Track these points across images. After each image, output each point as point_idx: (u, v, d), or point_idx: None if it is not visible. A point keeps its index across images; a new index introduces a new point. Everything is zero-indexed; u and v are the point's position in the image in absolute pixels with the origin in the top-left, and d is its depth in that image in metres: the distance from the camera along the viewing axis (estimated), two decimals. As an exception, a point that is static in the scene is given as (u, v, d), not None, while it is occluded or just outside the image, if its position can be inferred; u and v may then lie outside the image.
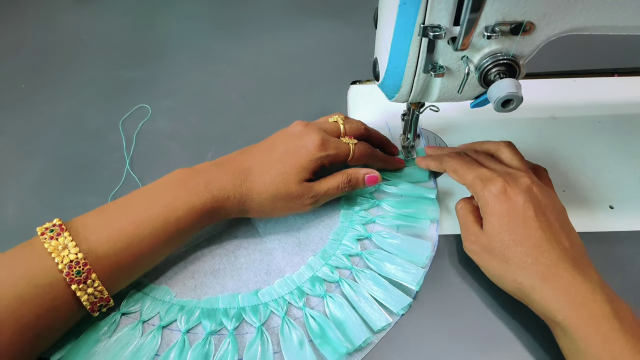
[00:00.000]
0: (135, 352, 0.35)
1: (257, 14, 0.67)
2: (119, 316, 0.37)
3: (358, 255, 0.41)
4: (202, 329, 0.37)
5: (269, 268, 0.41)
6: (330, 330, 0.36)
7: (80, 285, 0.32)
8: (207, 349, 0.35)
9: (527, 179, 0.36)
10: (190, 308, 0.38)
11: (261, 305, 0.38)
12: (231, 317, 0.37)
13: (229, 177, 0.38)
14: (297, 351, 0.35)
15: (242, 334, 0.37)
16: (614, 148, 0.49)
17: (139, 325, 0.37)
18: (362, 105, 0.55)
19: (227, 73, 0.59)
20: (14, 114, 0.55)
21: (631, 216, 0.43)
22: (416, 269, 0.39)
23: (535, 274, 0.33)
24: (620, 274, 0.39)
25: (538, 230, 0.34)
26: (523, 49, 0.33)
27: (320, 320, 0.37)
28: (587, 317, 0.31)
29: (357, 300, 0.38)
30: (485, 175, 0.36)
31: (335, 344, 0.35)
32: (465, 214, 0.38)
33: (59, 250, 0.32)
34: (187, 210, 0.36)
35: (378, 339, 0.36)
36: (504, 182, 0.35)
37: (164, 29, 0.66)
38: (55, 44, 0.64)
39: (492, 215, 0.35)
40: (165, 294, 0.39)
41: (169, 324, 0.37)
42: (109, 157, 0.50)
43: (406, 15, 0.31)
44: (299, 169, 0.39)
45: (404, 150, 0.48)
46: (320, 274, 0.40)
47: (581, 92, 0.54)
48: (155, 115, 0.54)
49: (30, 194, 0.47)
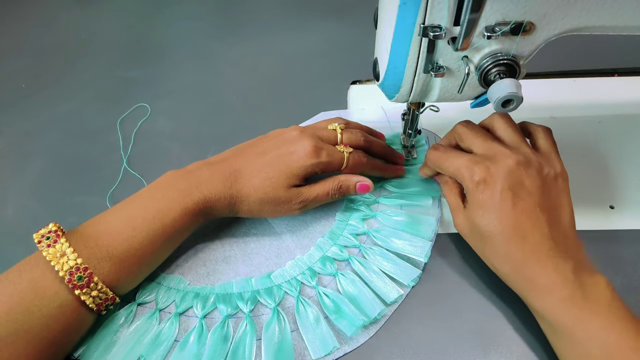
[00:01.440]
0: (155, 338, 0.36)
1: (257, 14, 0.67)
2: (135, 307, 0.38)
3: (365, 234, 0.42)
4: (219, 314, 0.38)
5: (279, 251, 0.42)
6: (345, 305, 0.37)
7: (84, 290, 0.33)
8: (225, 331, 0.37)
9: (510, 160, 0.34)
10: (205, 294, 0.39)
11: (275, 287, 0.39)
12: (246, 300, 0.38)
13: (220, 178, 0.38)
14: (314, 328, 0.36)
15: (259, 316, 0.38)
16: (614, 148, 0.49)
17: (155, 314, 0.38)
18: (362, 105, 0.55)
19: (227, 73, 0.59)
20: (14, 114, 0.55)
21: (631, 216, 0.43)
22: (423, 242, 0.40)
23: (510, 263, 0.34)
24: (620, 273, 0.39)
25: (512, 220, 0.34)
26: (523, 49, 0.33)
27: (334, 297, 0.38)
28: (557, 303, 0.32)
29: (368, 275, 0.39)
30: (465, 164, 0.36)
31: (351, 317, 0.36)
32: (450, 193, 0.39)
33: (57, 258, 0.32)
34: (181, 211, 0.37)
35: (391, 311, 0.38)
36: (483, 169, 0.35)
37: (164, 29, 0.66)
38: (55, 44, 0.64)
39: (474, 203, 0.36)
40: (178, 283, 0.39)
41: (185, 311, 0.38)
42: (109, 157, 0.50)
43: (406, 15, 0.31)
44: (288, 175, 0.38)
45: (404, 150, 0.48)
46: (330, 254, 0.41)
47: (581, 92, 0.54)
48: (155, 115, 0.54)
49: (30, 194, 0.47)
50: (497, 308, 0.38)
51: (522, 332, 0.36)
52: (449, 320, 0.37)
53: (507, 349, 0.36)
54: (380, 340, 0.37)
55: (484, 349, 0.36)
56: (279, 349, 0.35)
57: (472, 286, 0.39)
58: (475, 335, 0.37)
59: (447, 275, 0.40)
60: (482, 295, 0.39)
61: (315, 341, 0.36)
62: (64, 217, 0.36)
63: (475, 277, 0.39)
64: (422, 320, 0.38)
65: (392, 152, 0.46)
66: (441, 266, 0.41)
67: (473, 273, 0.40)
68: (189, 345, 0.36)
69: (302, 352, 0.36)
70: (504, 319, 0.37)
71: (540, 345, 0.36)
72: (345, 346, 0.36)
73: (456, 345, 0.36)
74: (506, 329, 0.37)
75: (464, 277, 0.40)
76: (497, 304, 0.38)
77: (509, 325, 0.37)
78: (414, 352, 0.36)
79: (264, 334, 0.36)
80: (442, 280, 0.40)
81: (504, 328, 0.37)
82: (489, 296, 0.38)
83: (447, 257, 0.41)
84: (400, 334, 0.37)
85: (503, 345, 0.36)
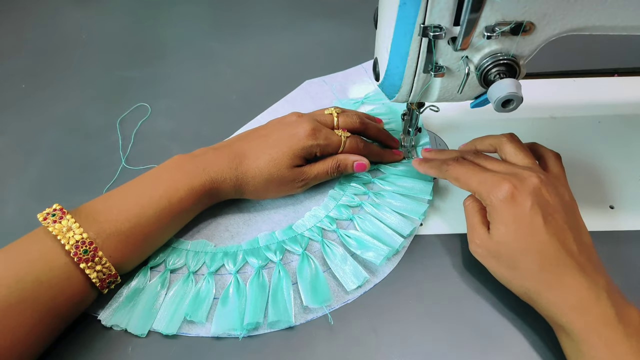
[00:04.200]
0: (195, 298, 0.38)
1: (256, 14, 0.67)
2: (168, 274, 0.40)
3: (371, 182, 0.46)
4: (250, 268, 0.40)
5: (295, 208, 0.45)
6: (367, 241, 0.40)
7: (89, 264, 0.34)
8: (261, 280, 0.39)
9: (535, 179, 0.34)
10: (233, 252, 0.41)
11: (298, 236, 0.42)
12: (274, 250, 0.41)
13: (225, 161, 0.40)
14: (343, 264, 0.39)
15: (288, 263, 0.40)
16: (614, 148, 0.49)
17: (190, 277, 0.39)
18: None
19: (227, 73, 0.59)
20: (14, 114, 0.55)
21: (631, 216, 0.43)
22: (424, 183, 0.44)
23: (542, 280, 0.33)
24: (621, 273, 0.39)
25: (545, 236, 0.33)
26: (523, 49, 0.33)
27: (356, 236, 0.41)
28: (591, 322, 0.31)
29: (382, 214, 0.42)
30: (491, 179, 0.35)
31: (377, 248, 0.39)
32: (472, 213, 0.37)
33: (64, 233, 0.34)
34: (188, 191, 0.39)
35: (409, 242, 0.42)
36: (510, 185, 0.34)
37: (164, 29, 0.66)
38: (55, 44, 0.64)
39: (500, 222, 0.34)
40: (205, 246, 0.41)
41: (217, 270, 0.40)
42: (108, 157, 0.50)
43: (406, 15, 0.31)
44: (291, 156, 0.41)
45: (404, 150, 0.48)
46: (343, 202, 0.44)
47: (581, 92, 0.54)
48: (155, 115, 0.54)
49: (30, 193, 0.47)
50: (497, 308, 0.38)
51: (522, 332, 0.36)
52: (449, 320, 0.37)
53: (507, 349, 0.36)
54: (380, 340, 0.37)
55: (484, 349, 0.36)
56: (315, 288, 0.38)
57: (472, 286, 0.39)
58: (475, 335, 0.37)
59: (447, 275, 0.40)
60: (482, 295, 0.39)
61: (346, 276, 0.39)
62: (63, 217, 0.36)
63: (476, 277, 0.39)
64: (422, 320, 0.38)
65: (387, 135, 0.48)
66: (441, 266, 0.41)
67: (473, 273, 0.40)
68: (230, 299, 0.38)
69: (335, 289, 0.39)
70: (504, 319, 0.37)
71: (541, 345, 0.36)
72: (374, 278, 0.39)
73: (456, 345, 0.36)
74: (506, 329, 0.37)
75: (464, 277, 0.40)
76: (497, 304, 0.38)
77: (509, 325, 0.37)
78: (414, 352, 0.36)
79: (298, 277, 0.39)
80: (442, 280, 0.40)
81: (504, 328, 0.37)
82: (489, 296, 0.38)
83: (447, 257, 0.41)
84: (400, 334, 0.37)
85: (503, 345, 0.36)
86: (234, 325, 0.36)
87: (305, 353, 0.36)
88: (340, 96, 0.56)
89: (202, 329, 0.37)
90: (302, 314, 0.38)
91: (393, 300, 0.39)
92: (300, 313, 0.38)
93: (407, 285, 0.40)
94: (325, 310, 0.38)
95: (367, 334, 0.37)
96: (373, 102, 0.54)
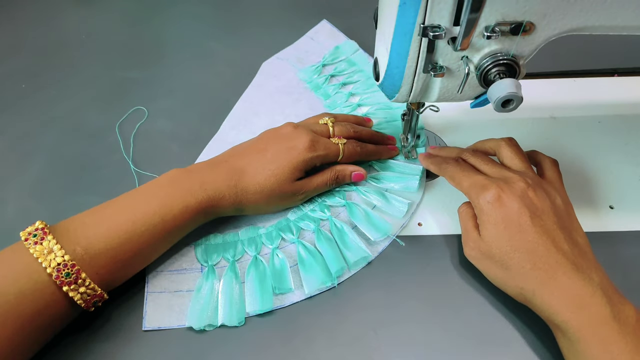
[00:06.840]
0: (273, 274, 0.40)
1: (256, 14, 0.67)
2: (235, 265, 0.41)
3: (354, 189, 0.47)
4: (309, 232, 0.43)
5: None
6: (363, 220, 0.42)
7: (72, 286, 0.33)
8: (324, 235, 0.42)
9: (522, 184, 0.35)
10: (284, 225, 0.43)
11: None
12: (317, 212, 0.44)
13: (223, 177, 0.39)
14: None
15: (337, 215, 0.44)
16: (614, 148, 0.49)
17: (257, 259, 0.41)
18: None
19: (227, 73, 0.59)
20: (14, 114, 0.55)
21: (631, 216, 0.43)
22: (414, 168, 0.46)
23: (535, 279, 0.33)
24: (621, 274, 0.39)
25: (534, 235, 0.34)
26: (523, 49, 0.33)
27: (357, 212, 0.43)
28: (586, 320, 0.31)
29: (374, 200, 0.44)
30: (480, 183, 0.36)
31: (378, 222, 0.42)
32: (466, 218, 0.38)
33: (45, 255, 0.32)
34: (183, 209, 0.37)
35: (407, 221, 0.44)
36: (497, 188, 0.35)
37: (163, 29, 0.66)
38: (55, 44, 0.64)
39: (488, 222, 0.35)
40: (255, 230, 0.43)
41: (278, 245, 0.42)
42: (108, 157, 0.50)
43: (406, 15, 0.31)
44: (291, 170, 0.40)
45: (403, 150, 0.48)
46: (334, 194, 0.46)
47: (581, 92, 0.54)
48: (154, 116, 0.54)
49: (30, 194, 0.47)
50: (497, 308, 0.38)
51: (522, 332, 0.37)
52: (448, 320, 0.37)
53: (507, 349, 0.36)
54: (380, 340, 0.37)
55: (484, 349, 0.36)
56: (373, 225, 0.42)
57: (472, 286, 0.39)
58: (475, 335, 0.37)
59: (447, 275, 0.40)
60: (482, 295, 0.39)
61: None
62: (63, 217, 0.36)
63: (475, 277, 0.39)
64: (422, 320, 0.38)
65: (380, 136, 0.48)
66: (441, 266, 0.41)
67: (473, 273, 0.40)
68: (306, 261, 0.40)
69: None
70: (503, 319, 0.37)
71: (540, 345, 0.36)
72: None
73: (456, 345, 0.36)
74: (506, 329, 0.37)
75: (463, 277, 0.40)
76: (497, 304, 0.38)
77: (509, 325, 0.37)
78: (414, 352, 0.36)
79: (355, 221, 0.42)
80: (442, 280, 0.40)
81: (504, 328, 0.37)
82: (489, 296, 0.39)
83: (447, 257, 0.41)
84: (400, 334, 0.37)
85: (503, 345, 0.36)
86: (323, 280, 0.39)
87: (305, 353, 0.36)
88: (300, 66, 0.58)
89: (294, 296, 0.39)
90: (375, 247, 0.41)
91: (393, 300, 0.39)
92: (372, 247, 0.41)
93: (406, 285, 0.40)
94: (392, 238, 0.42)
95: (367, 334, 0.37)
96: (366, 100, 0.54)
